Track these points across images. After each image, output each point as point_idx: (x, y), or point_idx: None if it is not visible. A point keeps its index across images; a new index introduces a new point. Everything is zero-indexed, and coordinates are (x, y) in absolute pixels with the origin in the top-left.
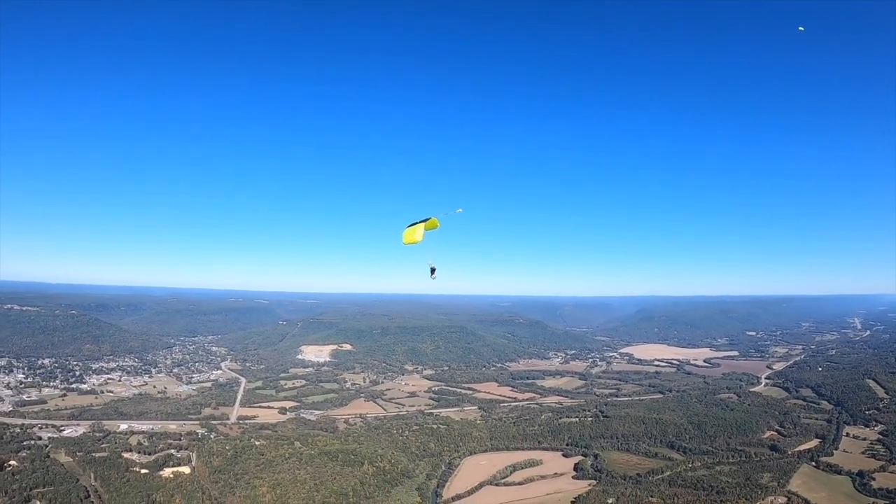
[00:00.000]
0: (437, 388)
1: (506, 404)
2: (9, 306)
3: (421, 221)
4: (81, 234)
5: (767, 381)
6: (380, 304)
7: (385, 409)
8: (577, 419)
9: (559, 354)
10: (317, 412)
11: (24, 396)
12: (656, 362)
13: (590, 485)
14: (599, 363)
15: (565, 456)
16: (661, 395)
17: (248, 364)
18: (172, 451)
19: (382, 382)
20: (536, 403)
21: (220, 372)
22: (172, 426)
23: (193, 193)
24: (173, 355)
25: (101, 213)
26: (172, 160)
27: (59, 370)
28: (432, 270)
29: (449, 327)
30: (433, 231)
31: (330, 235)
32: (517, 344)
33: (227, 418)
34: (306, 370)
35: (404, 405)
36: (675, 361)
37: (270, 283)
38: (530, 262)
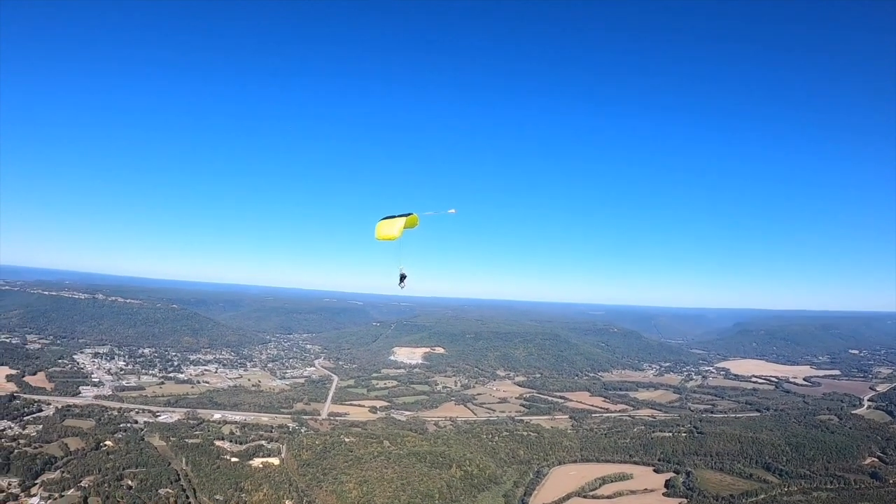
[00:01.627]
0: (528, 395)
1: (597, 415)
2: (113, 298)
3: (401, 216)
4: (184, 234)
5: (870, 403)
6: (473, 309)
7: (475, 414)
8: (671, 434)
9: (653, 366)
10: (407, 413)
11: (124, 382)
12: (753, 378)
13: (680, 503)
14: (694, 377)
15: (657, 471)
16: (757, 414)
17: (340, 362)
18: (263, 442)
19: (474, 387)
20: (629, 415)
21: (313, 369)
22: (264, 418)
23: (290, 198)
24: (268, 351)
25: (204, 213)
26: (271, 166)
27: (158, 359)
28: (402, 278)
29: (542, 334)
30: (410, 231)
31: (424, 239)
32: (610, 354)
33: (319, 414)
34: (398, 371)
35: (495, 410)
36: (773, 378)
37: (364, 284)
38: (625, 270)
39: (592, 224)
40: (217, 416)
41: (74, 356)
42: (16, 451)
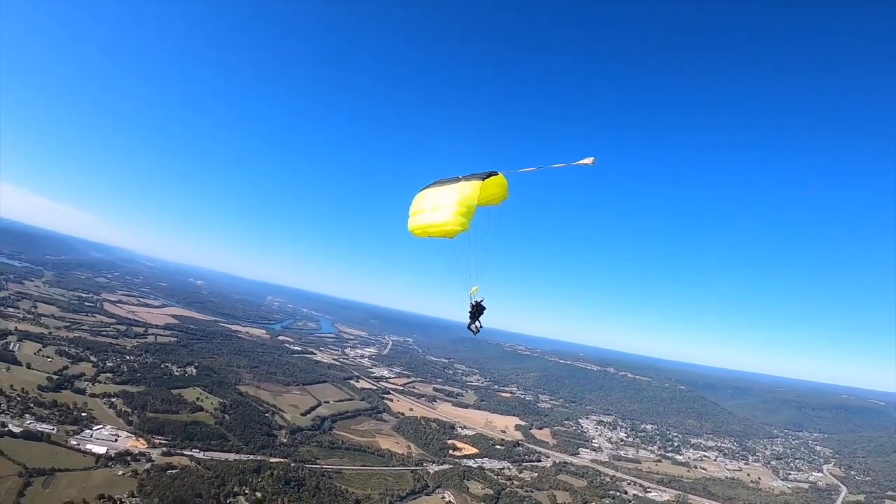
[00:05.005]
0: None
1: None
2: (623, 373)
3: (466, 179)
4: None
5: None
6: None
7: None
8: None
9: None
10: None
11: (621, 452)
12: None
13: None
14: None
15: None
16: None
17: (852, 472)
18: None
19: None
20: None
21: (820, 475)
22: None
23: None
24: (773, 446)
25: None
26: None
27: (658, 437)
28: (474, 313)
29: None
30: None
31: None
32: None
33: None
34: None
35: None
36: None
37: (887, 382)
38: None
39: None
40: None
41: (580, 420)
42: (507, 489)
